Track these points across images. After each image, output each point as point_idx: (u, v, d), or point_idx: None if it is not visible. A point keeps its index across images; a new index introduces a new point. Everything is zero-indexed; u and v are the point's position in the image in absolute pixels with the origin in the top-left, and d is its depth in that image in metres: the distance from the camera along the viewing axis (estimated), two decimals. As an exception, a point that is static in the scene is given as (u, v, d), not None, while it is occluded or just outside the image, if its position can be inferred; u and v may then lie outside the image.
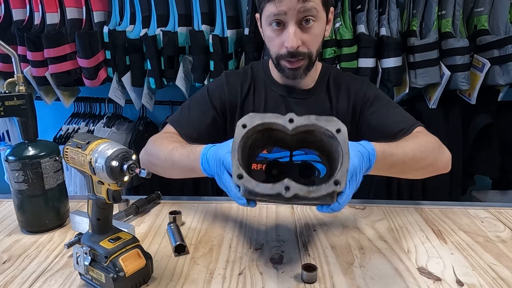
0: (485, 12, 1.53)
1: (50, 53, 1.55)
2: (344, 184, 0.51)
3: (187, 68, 1.63)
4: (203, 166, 0.70)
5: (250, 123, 0.56)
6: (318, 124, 0.55)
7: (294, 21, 0.83)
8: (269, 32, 0.89)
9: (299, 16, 0.83)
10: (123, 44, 1.58)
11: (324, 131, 0.54)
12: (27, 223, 0.80)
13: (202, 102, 0.99)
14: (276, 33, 0.87)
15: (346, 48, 1.53)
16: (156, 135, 0.94)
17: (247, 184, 0.53)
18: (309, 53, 0.88)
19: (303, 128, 0.56)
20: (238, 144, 0.55)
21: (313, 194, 0.51)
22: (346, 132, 0.54)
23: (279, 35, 0.86)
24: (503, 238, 0.78)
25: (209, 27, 1.59)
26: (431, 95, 1.63)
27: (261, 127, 0.56)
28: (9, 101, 0.76)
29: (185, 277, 0.65)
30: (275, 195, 0.52)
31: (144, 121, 1.86)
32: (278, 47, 0.88)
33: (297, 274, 0.65)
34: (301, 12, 0.82)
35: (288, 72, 0.91)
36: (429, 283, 0.63)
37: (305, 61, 0.89)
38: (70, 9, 1.56)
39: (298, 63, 0.88)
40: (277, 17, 0.84)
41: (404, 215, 0.88)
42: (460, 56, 1.51)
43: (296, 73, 0.90)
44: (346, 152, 0.53)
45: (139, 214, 0.88)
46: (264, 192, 0.52)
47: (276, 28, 0.86)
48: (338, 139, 0.54)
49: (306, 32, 0.85)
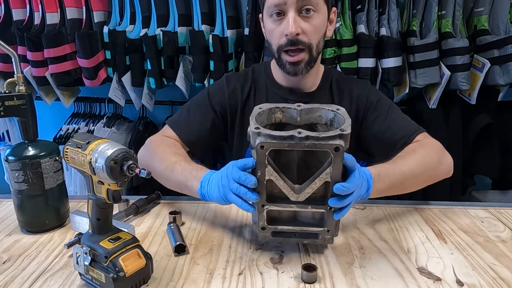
0: (485, 12, 1.53)
1: (50, 53, 1.54)
2: (349, 130, 0.60)
3: (187, 68, 1.63)
4: (201, 185, 0.75)
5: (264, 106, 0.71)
6: (321, 107, 0.69)
7: (294, 9, 0.85)
8: (270, 24, 0.90)
9: (299, 4, 0.85)
10: (123, 44, 1.58)
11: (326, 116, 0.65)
12: (27, 223, 0.80)
13: (202, 105, 0.99)
14: (277, 23, 0.88)
15: (346, 48, 1.53)
16: (157, 139, 0.94)
17: (264, 131, 0.60)
18: (309, 44, 0.88)
19: (308, 113, 0.70)
20: (254, 116, 0.66)
21: (323, 135, 0.59)
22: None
23: (280, 25, 0.88)
24: (503, 238, 0.78)
25: (209, 27, 1.59)
26: (431, 95, 1.63)
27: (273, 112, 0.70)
28: (9, 101, 0.76)
29: (185, 277, 0.65)
30: (289, 136, 0.60)
31: (144, 121, 1.86)
32: (279, 37, 0.89)
33: (297, 274, 0.65)
34: (301, 1, 0.84)
35: (289, 67, 0.90)
36: (429, 283, 0.63)
37: (305, 54, 0.89)
38: (70, 9, 1.56)
39: (298, 56, 0.88)
40: (278, 7, 0.86)
41: (404, 215, 0.88)
42: (460, 56, 1.51)
43: (297, 68, 0.90)
44: (347, 117, 0.64)
45: (139, 214, 0.88)
46: (279, 135, 0.60)
47: (277, 18, 0.88)
48: (339, 112, 0.67)
49: (306, 21, 0.87)
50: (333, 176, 0.62)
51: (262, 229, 0.69)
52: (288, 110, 0.71)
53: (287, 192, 0.65)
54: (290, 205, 0.66)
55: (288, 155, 0.69)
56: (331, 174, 0.62)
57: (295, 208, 0.67)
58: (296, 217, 0.71)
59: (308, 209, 0.66)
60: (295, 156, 0.70)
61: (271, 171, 0.63)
